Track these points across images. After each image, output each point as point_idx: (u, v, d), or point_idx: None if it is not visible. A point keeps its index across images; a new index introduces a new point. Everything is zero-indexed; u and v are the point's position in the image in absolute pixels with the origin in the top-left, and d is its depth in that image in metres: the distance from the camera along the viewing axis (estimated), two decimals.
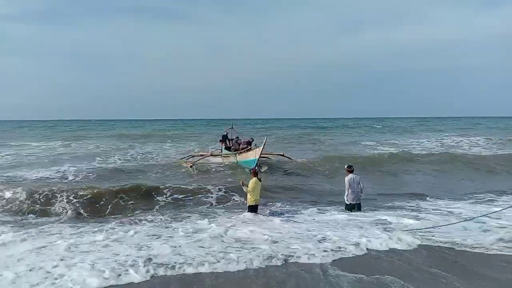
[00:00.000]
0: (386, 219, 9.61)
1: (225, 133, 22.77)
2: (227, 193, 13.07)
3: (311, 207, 11.33)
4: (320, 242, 7.88)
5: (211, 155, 20.89)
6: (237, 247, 7.60)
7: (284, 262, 6.90)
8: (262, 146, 16.58)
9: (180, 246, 7.65)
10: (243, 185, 10.45)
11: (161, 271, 6.49)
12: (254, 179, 10.18)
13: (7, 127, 75.16)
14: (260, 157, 16.79)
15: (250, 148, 18.28)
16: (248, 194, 10.21)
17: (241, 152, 18.17)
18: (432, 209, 10.95)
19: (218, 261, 6.85)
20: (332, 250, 7.44)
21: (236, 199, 12.68)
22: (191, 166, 18.18)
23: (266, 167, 16.93)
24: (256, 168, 11.60)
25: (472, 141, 35.00)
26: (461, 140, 35.94)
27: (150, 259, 6.91)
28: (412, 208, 11.24)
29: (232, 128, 23.00)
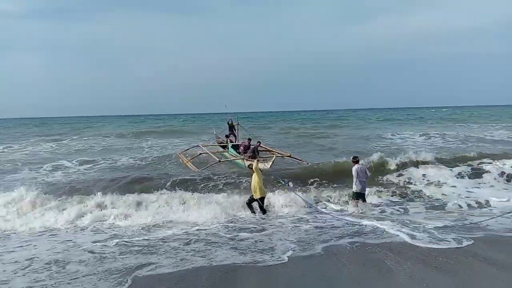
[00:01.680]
0: None
1: (230, 122, 22.63)
2: None
3: None
4: None
5: (219, 148, 20.58)
6: None
7: None
8: (271, 162, 15.78)
9: None
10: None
11: None
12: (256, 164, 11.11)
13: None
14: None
15: (255, 156, 17.67)
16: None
17: (249, 160, 17.18)
18: None
19: None
20: None
21: None
22: (188, 161, 17.46)
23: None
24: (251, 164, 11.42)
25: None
26: None
27: None
28: None
29: (238, 124, 22.50)
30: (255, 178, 10.74)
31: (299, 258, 7.14)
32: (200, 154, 20.13)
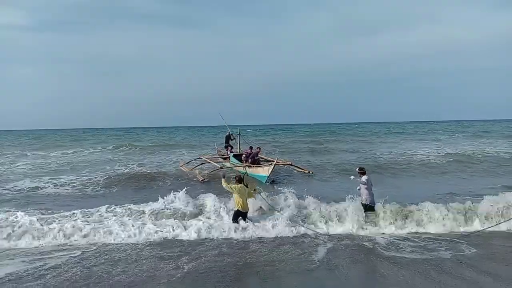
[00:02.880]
0: None
1: (228, 134, 23.07)
2: None
3: None
4: None
5: (219, 158, 21.05)
6: None
7: None
8: (272, 166, 16.25)
9: None
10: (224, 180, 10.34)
11: None
12: (235, 185, 10.10)
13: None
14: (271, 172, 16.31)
15: (259, 163, 18.23)
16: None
17: (250, 166, 17.58)
18: None
19: None
20: None
21: None
22: (199, 173, 18.06)
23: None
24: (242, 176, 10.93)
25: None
26: None
27: None
28: None
29: (239, 134, 22.97)
30: (236, 196, 10.06)
31: None
32: (203, 164, 20.72)
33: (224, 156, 22.20)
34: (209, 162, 20.46)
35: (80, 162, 26.40)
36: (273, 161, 17.08)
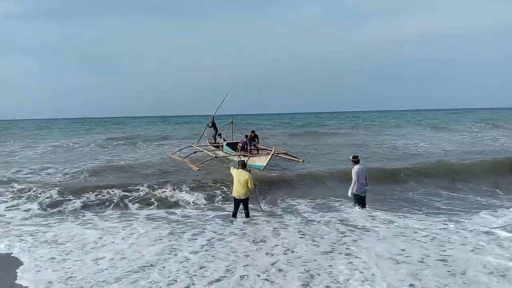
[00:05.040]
0: None
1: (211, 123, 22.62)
2: None
3: None
4: None
5: (211, 147, 20.73)
6: None
7: None
8: (270, 156, 16.01)
9: None
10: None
11: None
12: (236, 170, 9.85)
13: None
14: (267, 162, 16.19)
15: (257, 150, 17.96)
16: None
17: (245, 155, 17.02)
18: None
19: None
20: None
21: None
22: (194, 165, 17.35)
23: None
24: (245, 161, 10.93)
25: None
26: None
27: None
28: None
29: (232, 122, 22.57)
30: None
31: None
32: (195, 152, 20.26)
33: (215, 145, 21.83)
34: (202, 151, 20.03)
35: None
36: (270, 150, 16.79)
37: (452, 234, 7.94)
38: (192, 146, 21.61)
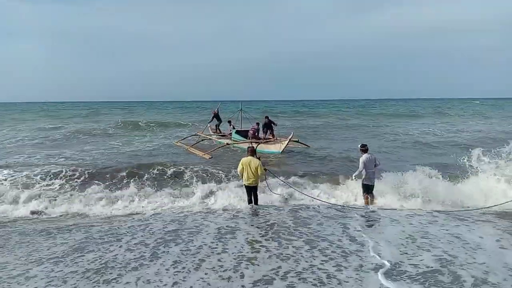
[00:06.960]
0: None
1: (217, 111, 21.84)
2: None
3: None
4: None
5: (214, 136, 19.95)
6: None
7: None
8: (287, 141, 15.60)
9: None
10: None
11: None
12: (244, 158, 9.64)
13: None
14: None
15: (273, 140, 17.01)
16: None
17: (258, 142, 16.36)
18: None
19: None
20: None
21: None
22: (203, 154, 16.31)
23: None
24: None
25: None
26: None
27: None
28: None
29: (241, 110, 21.72)
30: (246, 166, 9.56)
31: None
32: (203, 140, 19.80)
33: (221, 134, 21.13)
34: (210, 139, 19.50)
35: None
36: (285, 139, 16.22)
37: None
38: (197, 135, 21.16)
